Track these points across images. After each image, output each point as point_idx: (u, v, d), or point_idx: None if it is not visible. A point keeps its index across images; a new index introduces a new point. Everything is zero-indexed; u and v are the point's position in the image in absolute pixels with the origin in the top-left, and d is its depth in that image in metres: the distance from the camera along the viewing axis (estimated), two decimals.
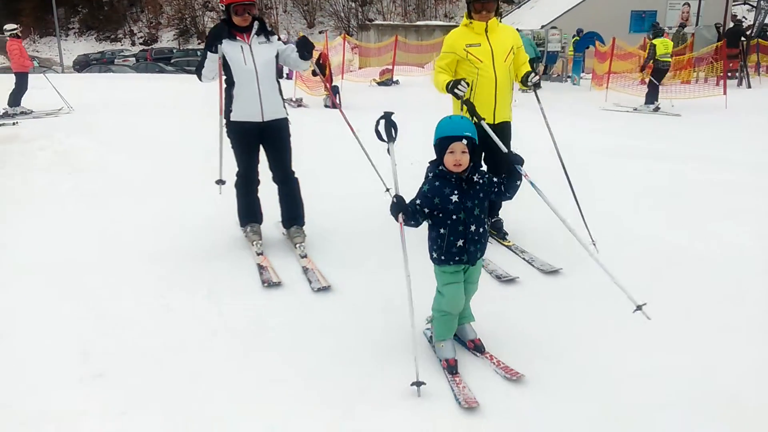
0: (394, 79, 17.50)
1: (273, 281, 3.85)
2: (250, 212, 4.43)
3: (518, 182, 2.95)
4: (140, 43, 45.52)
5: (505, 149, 3.04)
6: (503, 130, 4.38)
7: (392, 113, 2.97)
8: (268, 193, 4.47)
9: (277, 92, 4.20)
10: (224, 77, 4.06)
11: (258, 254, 4.23)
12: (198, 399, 2.75)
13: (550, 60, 19.59)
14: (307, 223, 4.48)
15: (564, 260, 4.09)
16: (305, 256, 4.20)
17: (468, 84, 4.07)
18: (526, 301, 3.70)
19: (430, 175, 2.88)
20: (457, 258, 2.88)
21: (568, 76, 19.14)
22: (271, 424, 2.60)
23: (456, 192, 2.81)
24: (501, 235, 4.65)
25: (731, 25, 20.58)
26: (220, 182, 4.38)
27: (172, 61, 33.54)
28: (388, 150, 3.04)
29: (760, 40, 18.92)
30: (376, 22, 34.20)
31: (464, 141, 2.75)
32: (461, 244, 2.85)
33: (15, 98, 11.11)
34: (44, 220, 5.07)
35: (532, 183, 3.05)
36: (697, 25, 19.69)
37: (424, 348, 3.15)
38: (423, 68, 18.93)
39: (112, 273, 4.01)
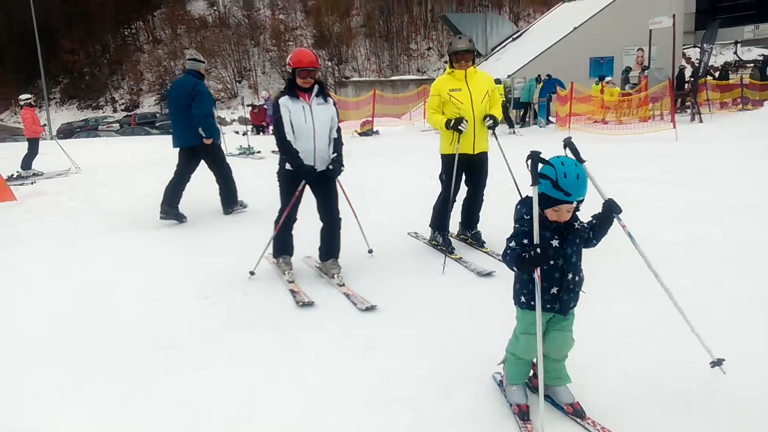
0: (375, 130, 18.74)
1: (306, 301, 4.56)
2: (286, 246, 5.21)
3: (607, 230, 2.83)
4: (122, 110, 46.81)
5: (606, 197, 2.88)
6: (481, 158, 5.45)
7: (540, 152, 2.67)
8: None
9: (329, 147, 4.97)
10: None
11: (290, 282, 4.97)
12: None
13: (516, 106, 21.05)
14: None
15: None
16: (343, 285, 4.90)
17: (467, 122, 5.11)
18: None
19: (527, 217, 2.69)
20: (548, 306, 2.73)
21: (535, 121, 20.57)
22: None
23: (557, 237, 2.68)
24: (480, 243, 5.65)
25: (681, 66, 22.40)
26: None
27: (157, 124, 34.75)
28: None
29: (707, 79, 20.72)
30: (353, 78, 35.92)
31: (575, 204, 2.64)
32: (555, 291, 2.72)
33: (27, 162, 12.03)
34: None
35: (630, 234, 2.94)
36: (648, 68, 21.38)
37: (494, 391, 3.16)
38: (400, 119, 20.24)
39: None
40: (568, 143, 2.86)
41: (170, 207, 7.17)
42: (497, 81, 18.99)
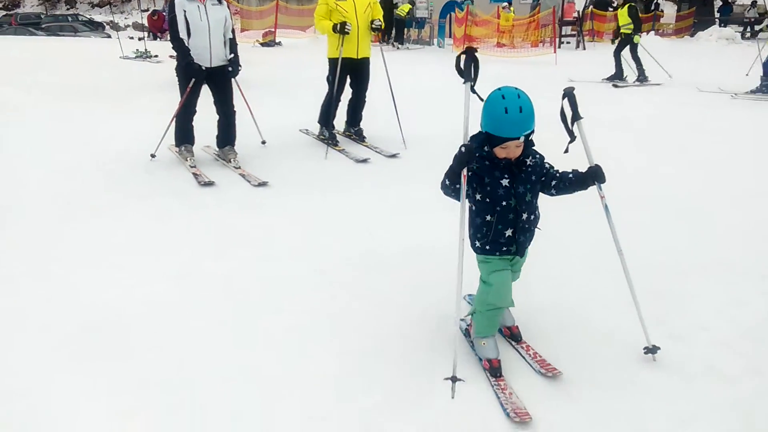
0: (277, 41, 18.81)
1: (207, 181, 5.25)
2: (187, 136, 5.81)
3: (576, 191, 2.59)
4: (0, 8, 42.74)
5: (593, 162, 2.57)
6: (364, 63, 6.22)
7: (476, 49, 2.59)
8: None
9: (225, 46, 5.52)
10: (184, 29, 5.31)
11: (192, 167, 5.62)
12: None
13: (419, 26, 21.68)
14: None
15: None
16: (239, 167, 5.63)
17: (351, 26, 5.81)
18: None
19: (476, 154, 2.49)
20: (504, 248, 2.58)
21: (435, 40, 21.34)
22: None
23: (507, 176, 2.49)
24: (361, 138, 6.53)
25: None
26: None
27: (43, 26, 32.24)
28: (472, 88, 2.62)
29: (594, 9, 22.12)
30: None
31: (521, 138, 2.40)
32: (510, 233, 2.56)
33: None
34: None
35: (606, 207, 2.65)
36: None
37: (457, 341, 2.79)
38: (305, 32, 20.30)
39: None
40: (568, 94, 2.52)
41: None
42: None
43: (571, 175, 2.56)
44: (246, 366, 2.71)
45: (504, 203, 2.50)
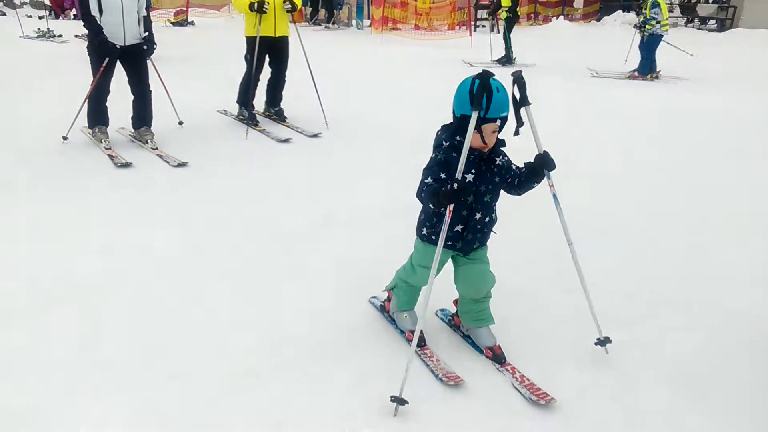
0: (189, 20, 18.22)
1: (124, 162, 5.14)
2: (100, 116, 5.61)
3: (536, 185, 2.52)
4: None
5: (542, 148, 2.49)
6: (282, 41, 6.21)
7: (492, 75, 2.30)
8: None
9: (139, 24, 5.35)
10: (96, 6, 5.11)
11: (107, 148, 5.45)
12: None
13: (336, 7, 21.57)
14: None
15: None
16: (156, 148, 5.53)
17: (268, 4, 5.77)
18: None
19: (446, 144, 2.43)
20: (449, 243, 2.49)
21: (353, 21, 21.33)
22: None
23: (473, 171, 2.40)
24: (282, 118, 6.56)
25: None
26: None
27: None
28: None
29: None
30: None
31: (498, 122, 2.32)
32: (459, 229, 2.48)
33: None
34: None
35: (555, 196, 2.57)
36: None
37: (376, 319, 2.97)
38: (219, 11, 19.77)
39: None
40: (517, 78, 2.38)
41: None
42: None
43: (523, 169, 2.51)
44: (165, 344, 2.75)
45: (461, 198, 2.40)
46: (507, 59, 11.52)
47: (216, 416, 2.30)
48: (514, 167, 2.53)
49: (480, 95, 2.24)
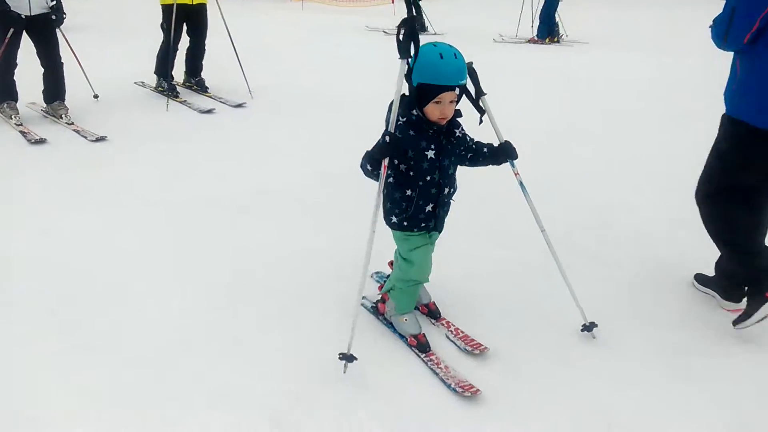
0: None
1: (37, 138, 4.92)
2: (9, 91, 5.32)
3: (490, 165, 2.51)
4: None
5: (503, 138, 2.49)
6: (200, 9, 6.11)
7: (417, 18, 2.37)
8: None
9: None
10: None
11: (18, 125, 5.20)
12: None
13: None
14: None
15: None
16: (72, 123, 5.30)
17: None
18: None
19: (402, 119, 2.28)
20: (423, 224, 2.43)
21: None
22: None
23: (433, 147, 2.30)
24: (203, 89, 6.44)
25: None
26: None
27: None
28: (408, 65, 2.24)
29: None
30: None
31: (457, 90, 2.21)
32: (431, 208, 2.40)
33: None
34: None
35: (521, 184, 2.53)
36: None
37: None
38: None
39: None
40: (468, 70, 2.27)
41: None
42: None
43: (485, 150, 2.48)
44: (92, 319, 2.74)
45: (428, 177, 2.32)
46: (420, 27, 11.55)
47: (147, 390, 2.29)
48: (469, 139, 2.46)
49: (406, 42, 2.09)
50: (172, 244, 3.38)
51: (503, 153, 2.45)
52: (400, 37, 2.08)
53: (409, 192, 2.34)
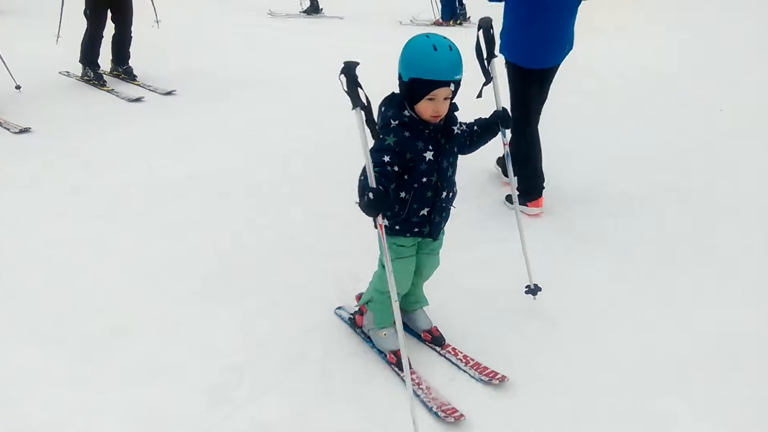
0: None
1: None
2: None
3: (488, 140, 2.38)
4: None
5: (501, 105, 2.40)
6: None
7: (356, 64, 1.88)
8: None
9: None
10: None
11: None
12: None
13: None
14: None
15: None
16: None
17: None
18: None
19: (395, 122, 2.10)
20: (416, 229, 2.23)
21: None
22: None
23: (431, 148, 2.11)
24: (131, 77, 6.35)
25: None
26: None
27: None
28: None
29: None
30: None
31: (452, 86, 2.03)
32: (425, 212, 2.20)
33: None
34: None
35: (508, 154, 2.52)
36: None
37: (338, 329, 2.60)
38: None
39: None
40: (484, 26, 2.15)
41: None
42: None
43: (476, 127, 2.32)
44: (44, 308, 2.79)
45: (424, 179, 2.12)
46: (313, 9, 11.03)
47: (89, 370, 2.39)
48: (467, 130, 2.29)
49: (353, 90, 1.85)
50: (101, 232, 3.42)
51: (501, 120, 2.36)
52: (344, 87, 1.85)
53: (402, 194, 2.14)
